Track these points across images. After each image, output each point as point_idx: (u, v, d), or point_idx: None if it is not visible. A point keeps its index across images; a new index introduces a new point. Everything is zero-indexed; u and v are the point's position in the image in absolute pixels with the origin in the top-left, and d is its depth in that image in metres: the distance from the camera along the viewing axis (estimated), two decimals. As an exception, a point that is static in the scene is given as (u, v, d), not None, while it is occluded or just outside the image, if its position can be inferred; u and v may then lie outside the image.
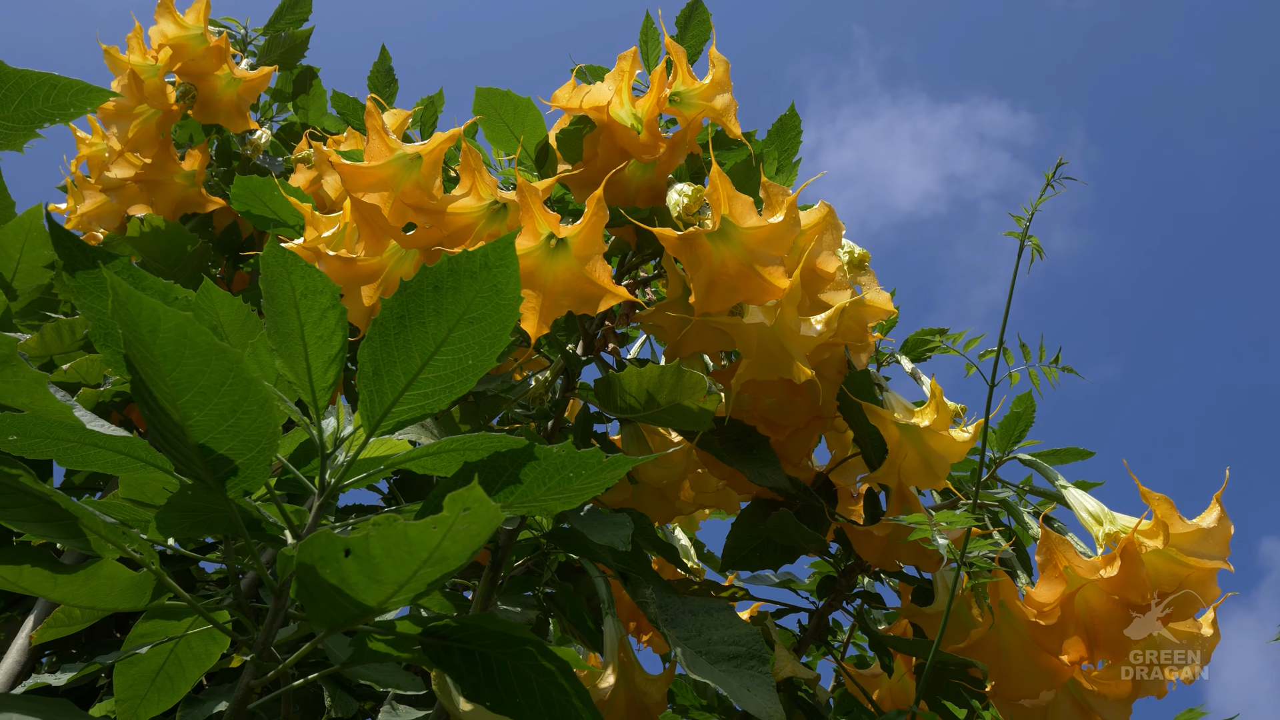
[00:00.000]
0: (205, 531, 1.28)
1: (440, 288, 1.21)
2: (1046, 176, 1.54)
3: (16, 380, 1.15)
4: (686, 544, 2.74)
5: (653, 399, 1.80)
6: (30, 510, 1.19)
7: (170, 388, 1.08)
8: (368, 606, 1.11)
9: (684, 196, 1.97)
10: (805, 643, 2.24)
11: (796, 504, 2.13)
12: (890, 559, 2.05)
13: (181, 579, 2.32)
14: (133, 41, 2.96)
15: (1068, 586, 1.80)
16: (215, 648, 1.49)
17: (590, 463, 1.23)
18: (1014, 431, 2.15)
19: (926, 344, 2.31)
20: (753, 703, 1.52)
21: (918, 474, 2.07)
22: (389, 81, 3.23)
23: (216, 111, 3.05)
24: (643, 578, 1.80)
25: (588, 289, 1.76)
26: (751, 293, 1.89)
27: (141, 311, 1.02)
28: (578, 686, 1.23)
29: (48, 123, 1.23)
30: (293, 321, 1.27)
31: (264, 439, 1.16)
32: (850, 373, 2.08)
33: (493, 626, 1.23)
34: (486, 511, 0.98)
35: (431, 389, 1.27)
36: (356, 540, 1.01)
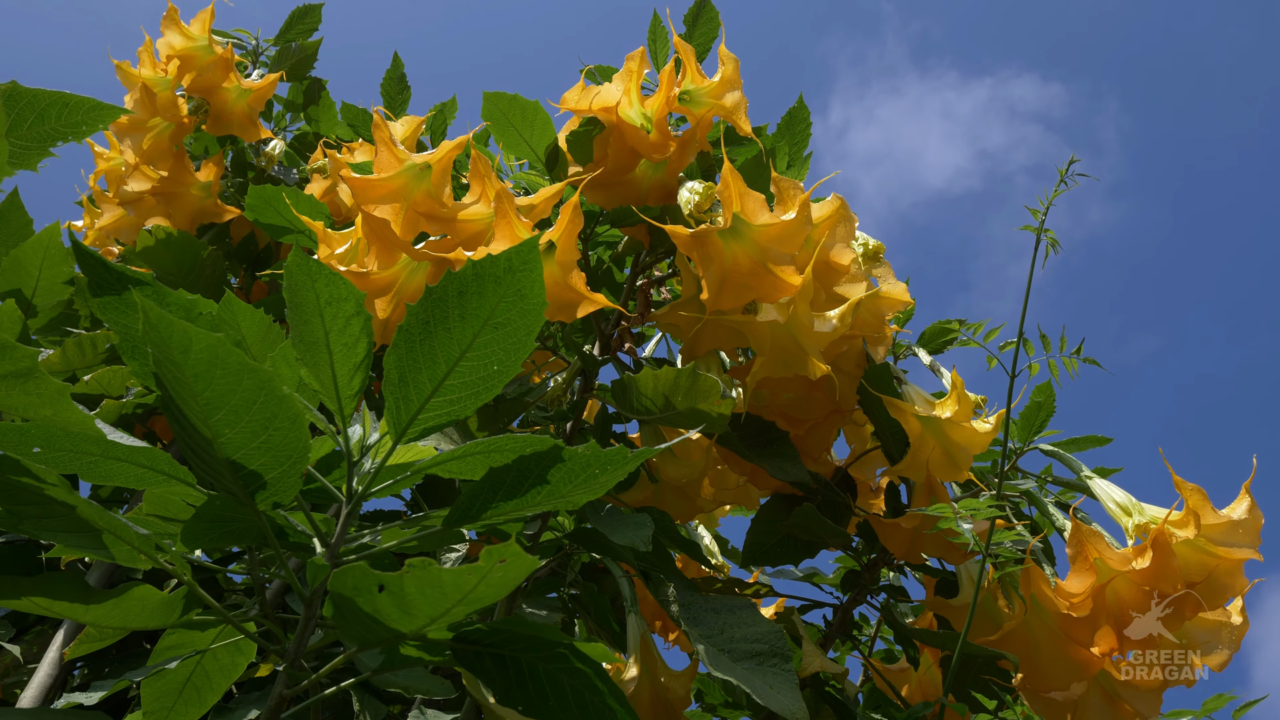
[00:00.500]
0: (232, 542, 1.29)
1: (465, 292, 1.21)
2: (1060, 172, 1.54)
3: (39, 393, 1.15)
4: (709, 541, 2.75)
5: (669, 402, 1.80)
6: (61, 521, 1.20)
7: (202, 407, 1.09)
8: (400, 633, 1.13)
9: (695, 194, 1.98)
10: (831, 638, 2.24)
11: (817, 498, 2.13)
12: (915, 552, 2.05)
13: (207, 588, 2.34)
14: (143, 55, 2.98)
15: (1098, 578, 1.79)
16: (242, 658, 1.49)
17: (614, 458, 1.24)
18: (1035, 421, 2.15)
19: (945, 335, 2.30)
20: (776, 700, 1.52)
21: (940, 466, 2.07)
22: (402, 89, 3.24)
23: (230, 123, 3.07)
24: (665, 576, 1.81)
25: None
26: (764, 290, 1.89)
27: (173, 334, 1.03)
28: (613, 687, 1.24)
29: (61, 141, 1.24)
30: (318, 330, 1.28)
31: (295, 454, 1.16)
32: (869, 366, 2.08)
33: (523, 630, 1.23)
34: (522, 564, 1.00)
35: (457, 395, 1.27)
36: (391, 578, 1.03)
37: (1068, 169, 1.53)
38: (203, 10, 2.97)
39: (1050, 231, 1.56)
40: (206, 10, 2.97)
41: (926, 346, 2.32)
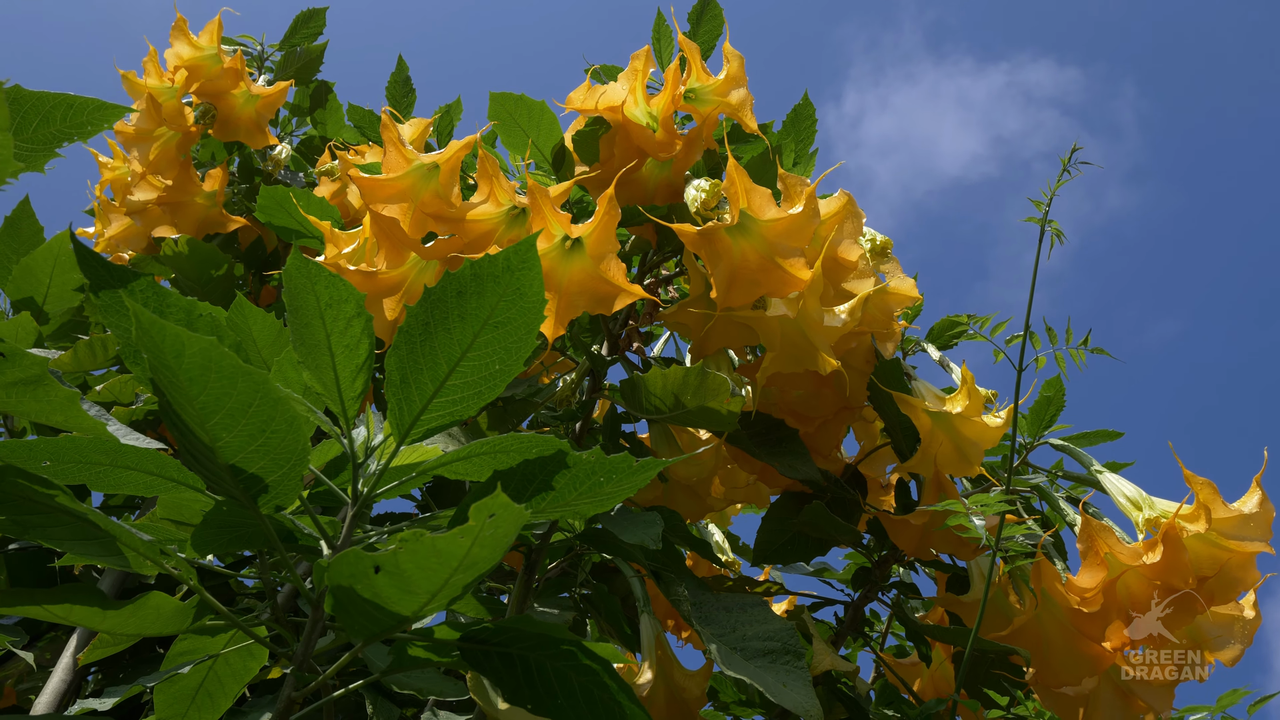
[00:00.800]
0: (240, 547, 1.29)
1: (464, 293, 1.21)
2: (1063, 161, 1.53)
3: (49, 399, 1.16)
4: (720, 539, 2.74)
5: (679, 401, 1.80)
6: (69, 530, 1.20)
7: (198, 411, 1.09)
8: (403, 616, 1.12)
9: (702, 192, 1.97)
10: (842, 635, 2.23)
11: (827, 496, 2.13)
12: (926, 548, 2.04)
13: (220, 593, 2.35)
14: (149, 65, 2.99)
15: (1109, 573, 1.78)
16: (254, 662, 1.49)
17: (621, 468, 1.23)
18: (1045, 416, 2.13)
19: (953, 330, 2.29)
20: (789, 698, 1.51)
21: (951, 462, 2.06)
22: (407, 91, 3.24)
23: (236, 129, 3.08)
24: (676, 575, 1.80)
25: (603, 288, 1.76)
26: (773, 285, 1.88)
27: (165, 338, 1.03)
28: (621, 683, 1.23)
29: (66, 142, 1.25)
30: (319, 332, 1.28)
31: (294, 456, 1.16)
32: (879, 362, 2.07)
33: (530, 628, 1.23)
34: (512, 514, 0.98)
35: (459, 395, 1.27)
36: (385, 557, 1.02)
37: (1070, 157, 1.52)
38: (211, 21, 2.98)
39: (1055, 222, 1.55)
40: (214, 21, 2.98)
41: (935, 342, 2.31)
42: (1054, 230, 1.56)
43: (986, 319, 1.86)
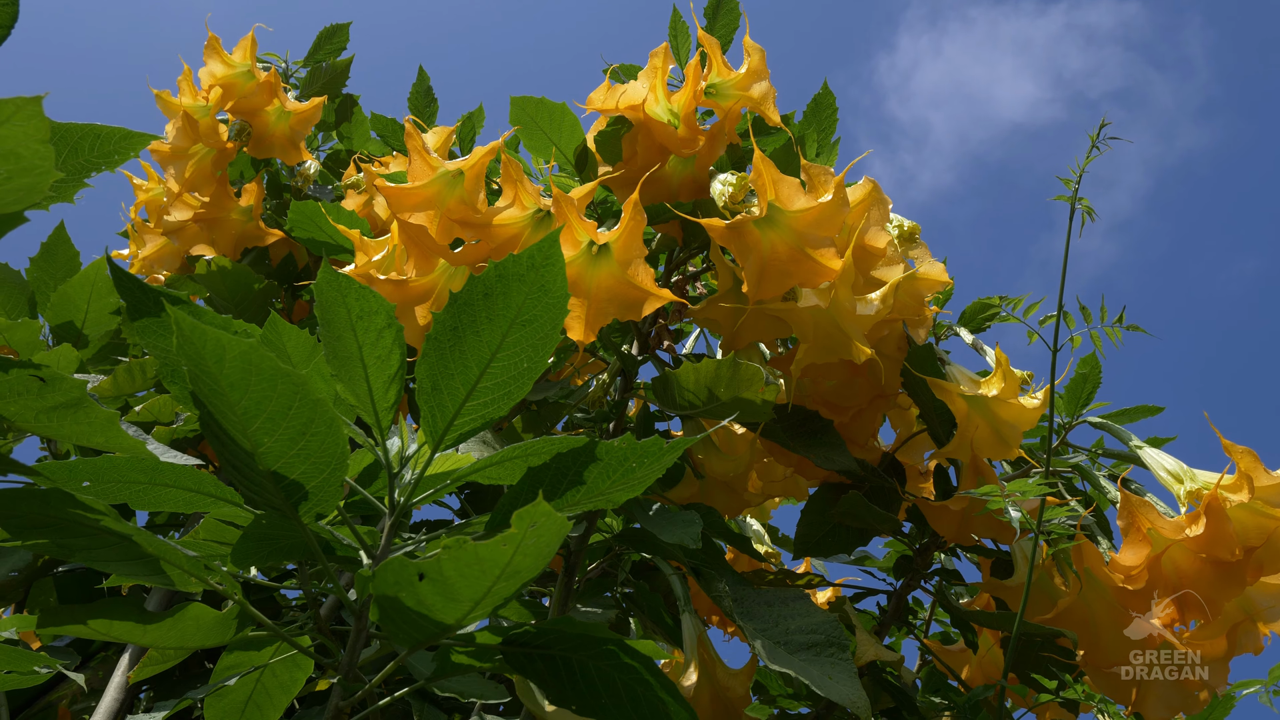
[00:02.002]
0: (281, 558, 1.31)
1: (490, 294, 1.22)
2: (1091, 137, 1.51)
3: (90, 421, 1.18)
4: (759, 529, 2.73)
5: (712, 394, 1.79)
6: (113, 550, 1.22)
7: (239, 417, 1.10)
8: (446, 625, 1.12)
9: (728, 186, 1.96)
10: (886, 625, 2.22)
11: (865, 485, 2.11)
12: (966, 533, 2.02)
13: (265, 607, 2.37)
14: (183, 84, 3.02)
15: (1153, 549, 1.76)
16: (300, 673, 1.51)
17: (651, 450, 1.23)
18: (1082, 394, 2.11)
19: (985, 313, 2.27)
20: (835, 690, 1.50)
21: (989, 445, 2.04)
22: (429, 101, 3.26)
23: (271, 146, 3.10)
24: (716, 572, 1.80)
25: (631, 294, 1.76)
26: (804, 276, 1.87)
27: (206, 343, 1.04)
28: (663, 679, 1.23)
29: (95, 172, 1.26)
30: (350, 344, 1.29)
31: (333, 460, 1.17)
32: (912, 348, 2.06)
33: (571, 630, 1.23)
34: (554, 523, 0.99)
35: (491, 397, 1.28)
36: (429, 564, 1.02)
37: (1098, 133, 1.50)
38: (244, 38, 3.00)
39: (1085, 200, 1.52)
40: (248, 37, 3.00)
41: (968, 325, 2.29)
42: (1084, 208, 1.53)
43: (1019, 300, 1.84)
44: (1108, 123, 1.47)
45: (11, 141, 0.84)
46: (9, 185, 0.88)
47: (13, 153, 0.85)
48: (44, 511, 1.15)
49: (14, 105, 0.81)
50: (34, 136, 0.83)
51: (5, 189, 0.88)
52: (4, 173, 0.86)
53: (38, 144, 0.84)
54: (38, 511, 1.15)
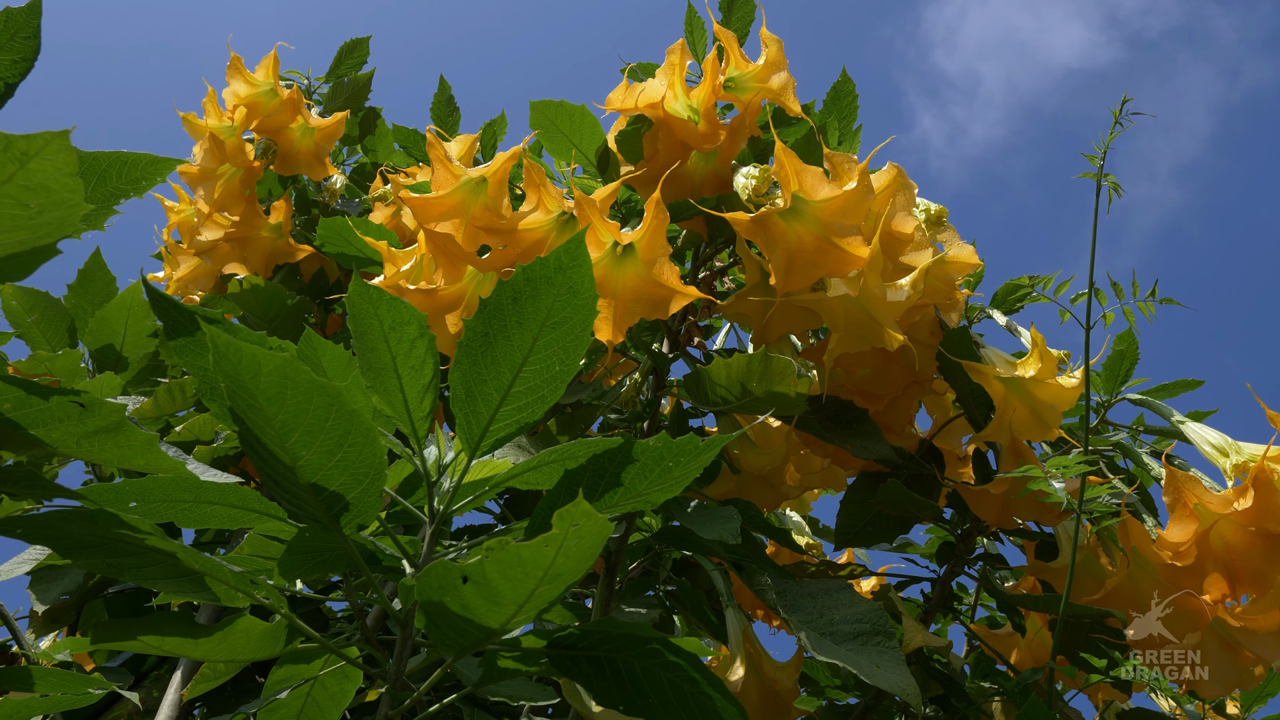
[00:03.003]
0: (326, 570, 1.32)
1: (519, 298, 1.22)
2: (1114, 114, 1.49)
3: (130, 444, 1.19)
4: (800, 521, 2.73)
5: (745, 389, 1.79)
6: (161, 568, 1.24)
7: (277, 431, 1.11)
8: (491, 629, 1.13)
9: (751, 179, 1.96)
10: (931, 612, 2.20)
11: (904, 473, 2.10)
12: (1008, 517, 2.01)
13: (312, 619, 2.40)
14: (208, 106, 3.05)
15: (1200, 524, 1.74)
16: (350, 684, 1.52)
17: (687, 449, 1.23)
18: (1119, 371, 2.08)
19: (1017, 294, 2.25)
20: (884, 678, 1.50)
21: (1028, 427, 2.02)
22: (451, 111, 3.28)
23: (297, 162, 3.13)
24: (758, 566, 1.80)
25: (658, 292, 1.76)
26: (832, 266, 1.86)
27: (242, 359, 1.05)
28: (709, 676, 1.23)
29: (123, 198, 1.28)
30: (384, 356, 1.30)
31: (372, 470, 1.18)
32: (946, 332, 2.04)
33: (615, 630, 1.23)
34: (595, 524, 0.99)
35: (524, 401, 1.28)
36: (472, 566, 1.03)
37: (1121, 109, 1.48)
38: (266, 57, 3.02)
39: (1110, 176, 1.51)
40: (269, 56, 3.02)
41: (1000, 307, 2.27)
42: (1111, 184, 1.52)
43: (1049, 278, 1.82)
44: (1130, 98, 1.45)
45: (41, 175, 0.85)
46: (41, 219, 0.89)
47: (42, 186, 0.86)
48: (93, 532, 1.17)
49: (42, 140, 0.83)
50: (62, 170, 0.85)
51: (37, 222, 0.89)
52: (35, 207, 0.87)
53: (66, 177, 0.85)
54: (87, 532, 1.16)
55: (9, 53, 1.28)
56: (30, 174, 0.85)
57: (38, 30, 1.28)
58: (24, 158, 0.84)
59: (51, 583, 2.29)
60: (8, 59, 1.28)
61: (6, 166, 0.85)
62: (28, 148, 0.84)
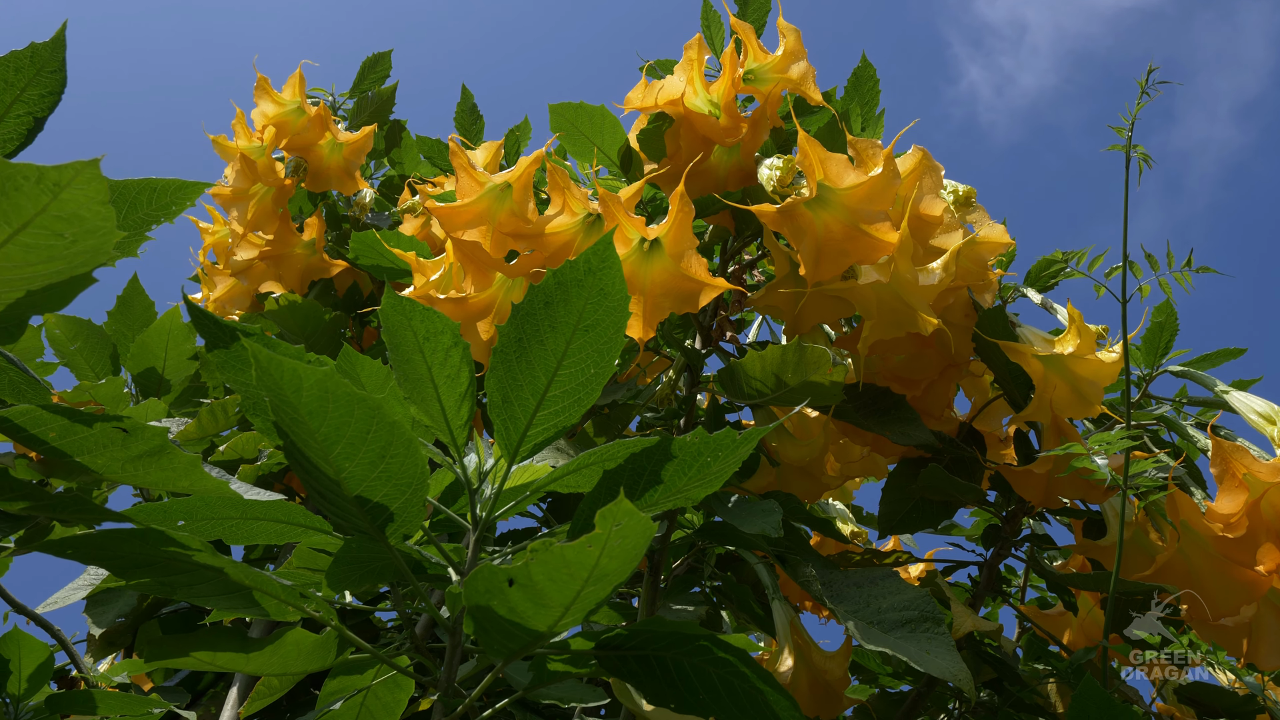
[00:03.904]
0: (374, 581, 1.33)
1: (551, 302, 1.23)
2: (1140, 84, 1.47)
3: (173, 467, 1.21)
4: (844, 510, 2.71)
5: (780, 380, 1.79)
6: (211, 585, 1.25)
7: (321, 444, 1.13)
8: (539, 632, 1.14)
9: (775, 170, 1.95)
10: (980, 595, 2.19)
11: (945, 457, 2.08)
12: (1054, 496, 1.98)
13: (362, 630, 2.42)
14: (237, 127, 3.08)
15: (1250, 494, 1.71)
16: (402, 693, 1.54)
17: (725, 443, 1.23)
18: (1159, 344, 2.06)
19: (1050, 270, 2.22)
20: (935, 665, 1.49)
21: (1070, 404, 2.00)
22: (475, 119, 3.29)
23: (328, 179, 3.15)
24: (801, 558, 1.79)
25: (686, 286, 1.76)
26: (861, 253, 1.85)
27: (284, 374, 1.07)
28: (759, 669, 1.23)
29: (155, 224, 1.30)
30: (420, 366, 1.31)
31: (414, 480, 1.19)
32: (981, 313, 2.03)
33: (662, 629, 1.24)
34: (638, 524, 0.99)
35: (561, 405, 1.29)
36: (518, 569, 1.03)
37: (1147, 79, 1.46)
38: (292, 75, 3.05)
39: (1140, 147, 1.49)
40: (295, 75, 3.04)
41: (1034, 285, 2.24)
42: (1140, 155, 1.50)
43: (1083, 253, 1.80)
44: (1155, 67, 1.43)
45: (74, 205, 0.87)
46: (75, 249, 0.91)
47: (76, 216, 0.87)
48: (143, 550, 1.19)
49: (73, 170, 0.84)
50: (94, 199, 0.86)
51: (72, 252, 0.91)
52: (70, 236, 0.89)
53: (99, 206, 0.87)
54: (138, 550, 1.19)
55: (37, 87, 1.30)
56: (63, 204, 0.87)
57: (63, 64, 1.30)
58: (56, 188, 0.86)
59: (107, 606, 2.33)
60: (36, 93, 1.30)
61: (39, 198, 0.86)
62: (59, 178, 0.85)
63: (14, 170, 0.84)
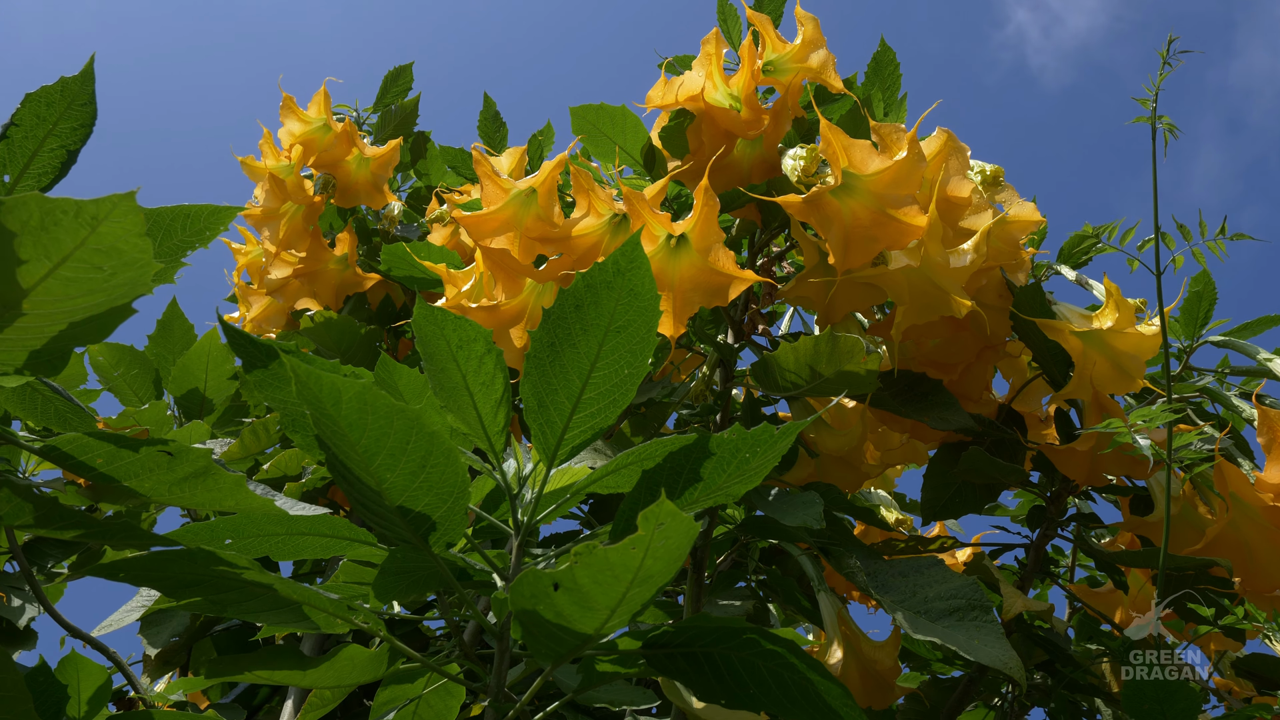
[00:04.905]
0: (420, 590, 1.34)
1: (581, 305, 1.23)
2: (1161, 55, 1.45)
3: (219, 487, 1.23)
4: (887, 497, 2.70)
5: (815, 371, 1.78)
6: (261, 601, 1.27)
7: (361, 455, 1.14)
8: (586, 634, 1.14)
9: (799, 160, 1.95)
10: (1028, 577, 2.16)
11: (985, 440, 2.07)
12: (1098, 474, 1.96)
13: (411, 639, 2.44)
14: (265, 147, 3.11)
15: (1300, 461, 1.68)
16: (453, 700, 1.55)
17: (763, 438, 1.23)
18: (1198, 314, 2.03)
19: (1083, 246, 2.20)
20: (984, 653, 1.48)
21: (1110, 380, 1.97)
22: (498, 126, 3.31)
23: (357, 193, 3.17)
24: (845, 548, 1.78)
25: (715, 280, 1.76)
26: (890, 238, 1.84)
27: (323, 388, 1.08)
28: (808, 661, 1.23)
29: (190, 250, 1.32)
30: (455, 375, 1.32)
31: (455, 488, 1.20)
32: (1017, 292, 2.01)
33: (708, 625, 1.24)
34: (680, 524, 0.99)
35: (596, 407, 1.29)
36: (562, 573, 1.04)
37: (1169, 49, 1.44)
38: (317, 93, 3.07)
39: (1165, 118, 1.47)
40: (320, 92, 3.06)
41: (1068, 261, 2.21)
42: (1166, 126, 1.48)
43: (1114, 227, 1.78)
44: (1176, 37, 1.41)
45: (111, 238, 0.88)
46: (114, 281, 0.92)
47: (114, 249, 0.89)
48: (193, 570, 1.20)
49: (110, 203, 0.86)
50: (131, 231, 0.88)
51: (112, 284, 0.92)
52: (108, 269, 0.90)
53: (136, 238, 0.88)
54: (187, 570, 1.20)
55: (69, 120, 1.32)
56: (101, 237, 0.88)
57: (93, 97, 1.32)
58: (94, 222, 0.87)
59: (160, 626, 2.37)
60: (68, 126, 1.32)
61: (78, 231, 0.88)
62: (97, 212, 0.87)
63: (53, 205, 0.86)
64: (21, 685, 1.22)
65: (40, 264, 0.90)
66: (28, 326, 0.99)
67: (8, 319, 0.97)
